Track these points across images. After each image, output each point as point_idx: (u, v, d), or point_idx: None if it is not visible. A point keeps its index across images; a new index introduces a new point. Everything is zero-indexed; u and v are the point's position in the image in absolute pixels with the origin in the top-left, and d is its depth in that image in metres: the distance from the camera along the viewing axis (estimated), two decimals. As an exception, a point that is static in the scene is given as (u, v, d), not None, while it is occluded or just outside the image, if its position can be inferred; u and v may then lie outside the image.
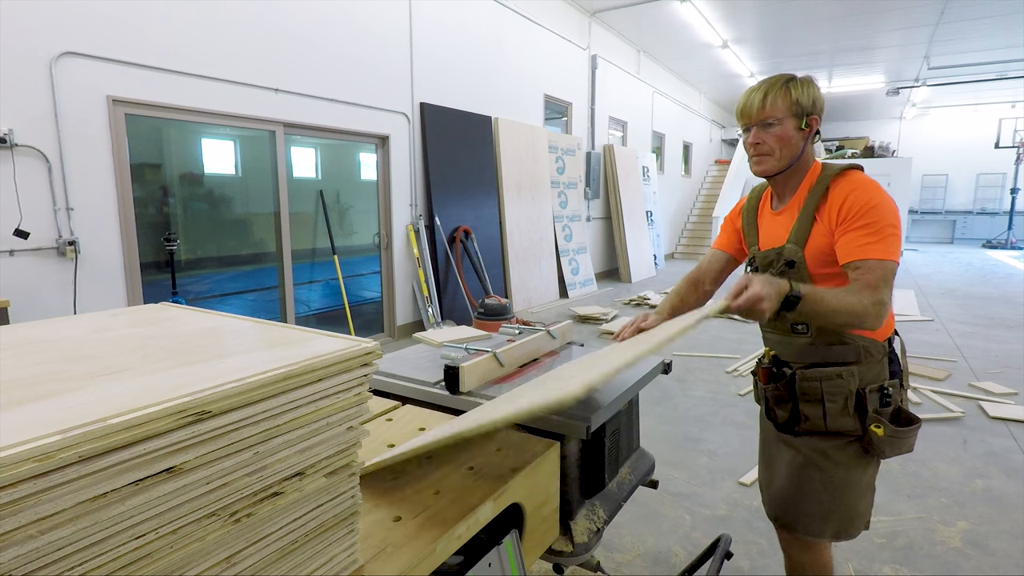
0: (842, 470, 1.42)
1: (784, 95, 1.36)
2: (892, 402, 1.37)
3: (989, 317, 6.77)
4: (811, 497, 1.46)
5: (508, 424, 1.16)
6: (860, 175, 1.36)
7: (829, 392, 1.37)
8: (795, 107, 1.37)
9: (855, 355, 1.36)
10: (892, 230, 1.28)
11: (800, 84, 1.38)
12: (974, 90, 15.06)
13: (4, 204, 3.20)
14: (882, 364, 1.38)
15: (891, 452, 1.36)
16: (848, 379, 1.36)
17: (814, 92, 1.39)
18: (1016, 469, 3.00)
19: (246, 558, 0.66)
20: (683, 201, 14.69)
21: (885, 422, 1.34)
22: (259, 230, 4.87)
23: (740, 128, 1.46)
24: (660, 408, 3.90)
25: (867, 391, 1.36)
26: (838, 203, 1.32)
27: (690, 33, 10.03)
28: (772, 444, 1.57)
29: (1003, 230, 16.51)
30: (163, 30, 3.80)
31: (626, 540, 2.38)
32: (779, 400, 1.48)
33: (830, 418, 1.38)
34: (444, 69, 6.25)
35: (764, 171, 1.43)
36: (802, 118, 1.38)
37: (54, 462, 0.47)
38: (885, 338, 1.39)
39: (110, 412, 0.53)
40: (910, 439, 1.36)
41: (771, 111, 1.37)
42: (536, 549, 1.22)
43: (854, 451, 1.40)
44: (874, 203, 1.28)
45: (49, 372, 0.67)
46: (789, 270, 1.38)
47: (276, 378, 0.65)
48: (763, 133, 1.39)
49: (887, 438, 1.35)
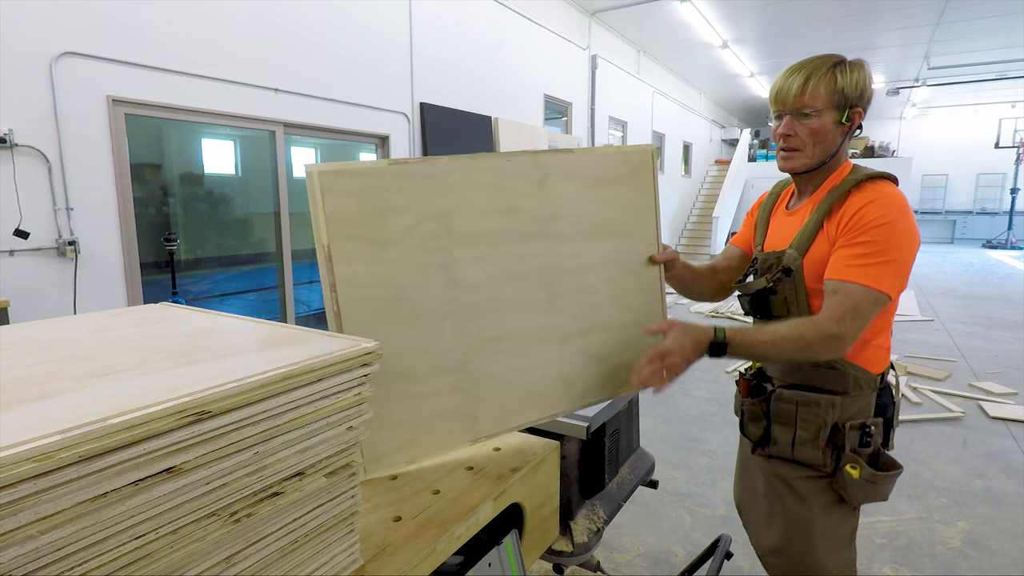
0: (804, 508, 1.27)
1: (828, 82, 1.17)
2: (873, 443, 1.22)
3: (989, 317, 6.77)
4: (774, 528, 1.33)
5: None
6: (887, 187, 1.17)
7: (803, 418, 1.24)
8: (839, 97, 1.18)
9: (843, 384, 1.22)
10: (896, 256, 1.10)
11: (849, 70, 1.18)
12: (974, 90, 15.05)
13: (4, 204, 3.20)
14: (870, 399, 1.24)
15: (863, 499, 1.23)
16: (826, 409, 1.22)
17: (863, 80, 1.19)
18: (1016, 469, 3.00)
19: (246, 558, 0.66)
20: (683, 201, 14.69)
21: (862, 464, 1.20)
22: (259, 230, 4.87)
23: (772, 113, 1.27)
24: (660, 408, 3.90)
25: (847, 427, 1.21)
26: (849, 213, 1.16)
27: (690, 33, 10.02)
28: (748, 461, 1.44)
29: (1003, 230, 16.50)
30: (163, 30, 3.80)
31: (626, 540, 2.38)
32: (754, 417, 1.35)
33: (798, 445, 1.25)
34: (444, 69, 6.25)
35: (791, 168, 1.27)
36: (844, 110, 1.19)
37: (54, 462, 0.47)
38: (879, 371, 1.25)
39: (110, 412, 0.53)
40: (887, 486, 1.23)
41: (810, 100, 1.18)
42: (536, 549, 1.22)
43: (820, 489, 1.26)
44: (886, 221, 1.11)
45: (49, 372, 0.67)
46: (785, 278, 1.25)
47: (276, 378, 0.64)
48: (796, 124, 1.20)
49: (862, 482, 1.20)
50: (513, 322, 1.11)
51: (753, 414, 1.35)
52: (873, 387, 1.23)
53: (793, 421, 1.25)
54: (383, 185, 0.96)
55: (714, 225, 12.99)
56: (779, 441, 1.28)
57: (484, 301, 1.07)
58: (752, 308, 1.34)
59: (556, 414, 1.19)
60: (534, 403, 1.15)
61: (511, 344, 1.11)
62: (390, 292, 0.98)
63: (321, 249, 0.92)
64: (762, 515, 1.36)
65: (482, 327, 1.07)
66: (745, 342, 1.11)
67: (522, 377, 1.13)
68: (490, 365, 1.09)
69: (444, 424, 1.05)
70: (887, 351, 1.27)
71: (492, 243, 1.08)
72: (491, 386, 1.09)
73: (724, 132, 17.76)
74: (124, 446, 0.52)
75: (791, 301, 1.25)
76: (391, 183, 0.97)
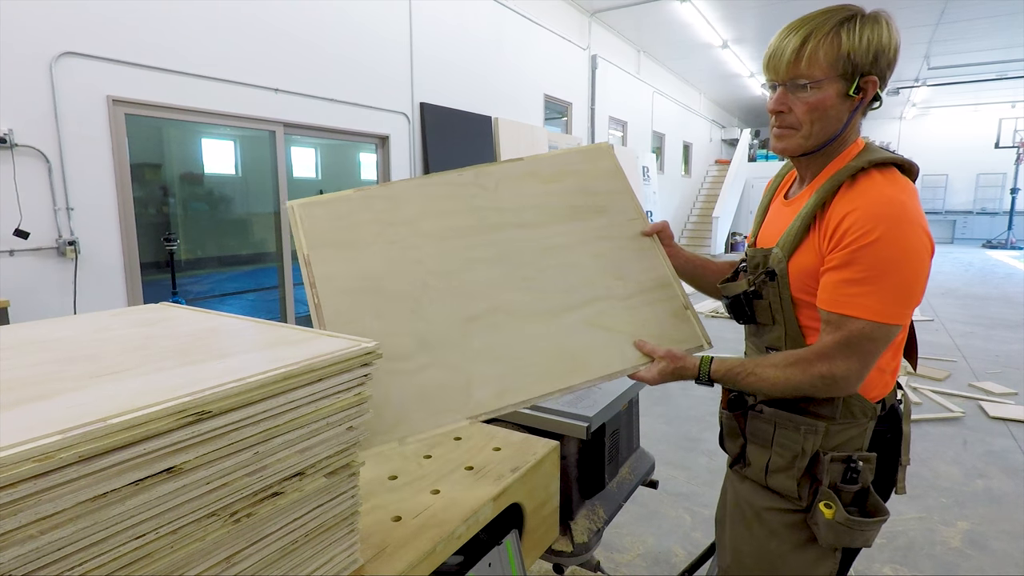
0: (774, 542, 1.09)
1: (831, 45, 0.94)
2: (861, 480, 1.02)
3: (989, 317, 6.77)
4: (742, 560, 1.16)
5: None
6: (884, 185, 0.94)
7: (779, 443, 1.07)
8: (844, 64, 0.94)
9: (830, 409, 1.03)
10: (896, 280, 0.90)
11: (859, 27, 0.94)
12: (974, 90, 15.06)
13: (4, 204, 3.20)
14: (863, 428, 1.04)
15: (835, 542, 1.02)
16: (806, 436, 1.03)
17: (879, 39, 0.94)
18: (1016, 469, 3.00)
19: (246, 558, 0.66)
20: (683, 201, 14.69)
21: (837, 503, 1.00)
22: (259, 230, 4.88)
23: (766, 83, 1.05)
24: (660, 408, 3.90)
25: (827, 458, 1.02)
26: (837, 218, 0.95)
27: (690, 33, 10.03)
28: (727, 477, 1.27)
29: (1003, 230, 16.50)
30: (163, 30, 3.80)
31: (626, 540, 2.38)
32: (731, 432, 1.19)
33: (771, 472, 1.08)
34: (444, 69, 6.25)
35: (785, 150, 1.05)
36: (853, 79, 0.95)
37: (54, 462, 0.47)
38: (878, 398, 1.05)
39: (110, 412, 0.53)
40: (868, 533, 1.01)
41: (808, 68, 0.95)
42: (536, 549, 1.22)
43: (792, 524, 1.08)
44: (870, 240, 0.90)
45: (49, 372, 0.67)
46: (769, 282, 1.06)
47: (276, 378, 0.64)
48: (791, 98, 0.99)
49: (835, 524, 1.00)
50: (492, 300, 1.14)
51: (731, 428, 1.20)
52: (870, 415, 1.04)
53: (769, 443, 1.09)
54: (351, 207, 1.17)
55: (714, 225, 13.00)
56: (753, 464, 1.13)
57: (459, 284, 1.14)
58: (733, 312, 1.16)
59: (571, 387, 1.11)
60: (538, 378, 1.10)
61: (494, 321, 1.13)
62: (364, 284, 1.09)
63: (302, 258, 1.09)
64: (728, 540, 1.20)
65: (459, 307, 1.12)
66: (732, 380, 1.05)
67: (514, 352, 1.11)
68: (474, 341, 1.09)
69: (434, 401, 1.03)
70: (892, 374, 1.07)
71: (460, 236, 1.20)
72: (481, 361, 1.08)
73: (724, 132, 17.77)
74: (124, 446, 0.52)
75: (776, 309, 1.08)
76: (357, 204, 1.18)
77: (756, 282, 1.09)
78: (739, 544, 1.16)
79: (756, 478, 1.12)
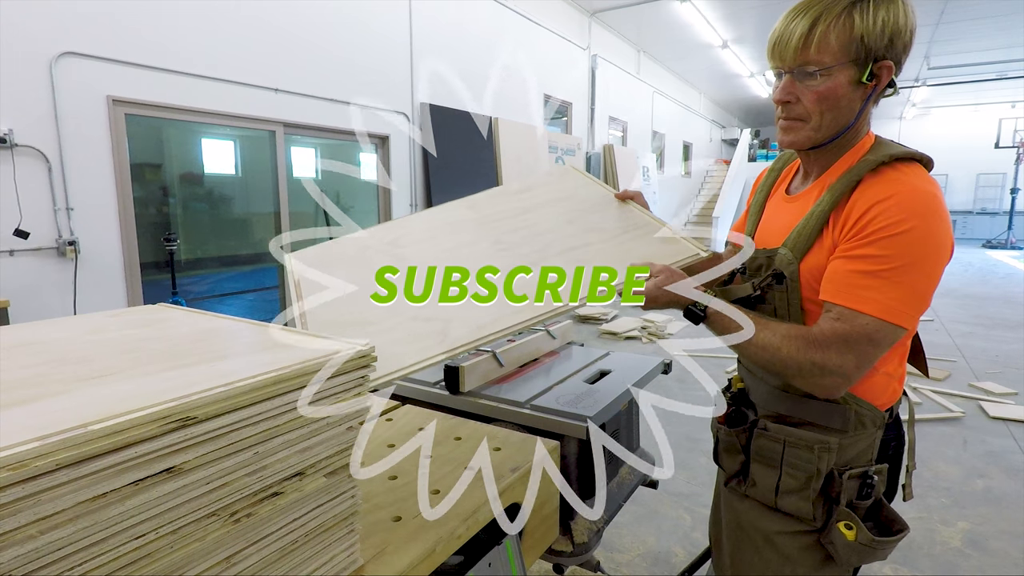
0: (788, 568, 1.03)
1: (843, 28, 0.86)
2: (875, 492, 0.99)
3: (989, 317, 6.77)
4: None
5: None
6: (913, 177, 0.88)
7: (790, 463, 1.00)
8: (857, 48, 0.87)
9: (841, 421, 0.97)
10: (915, 277, 0.85)
11: (873, 8, 0.86)
12: (974, 90, 15.06)
13: (4, 204, 3.20)
14: (873, 438, 1.00)
15: (856, 561, 0.98)
16: (821, 455, 0.97)
17: (895, 20, 0.87)
18: (1016, 469, 3.00)
19: (246, 558, 0.66)
20: (683, 201, 14.69)
21: (859, 523, 0.95)
22: (259, 230, 4.88)
23: (771, 70, 0.98)
24: (660, 408, 3.90)
25: (844, 476, 0.96)
26: (857, 213, 0.88)
27: (690, 33, 10.03)
28: (722, 495, 1.21)
29: (1003, 230, 16.49)
30: (163, 30, 3.80)
31: (626, 540, 2.38)
32: (730, 448, 1.12)
33: (782, 494, 1.01)
34: (444, 69, 6.25)
35: (793, 143, 0.98)
36: (866, 65, 0.88)
37: (30, 470, 0.47)
38: (887, 405, 1.00)
39: (93, 417, 0.52)
40: (888, 548, 0.97)
41: (817, 54, 0.88)
42: (536, 549, 1.22)
43: (807, 546, 1.02)
44: (903, 229, 0.84)
45: (39, 375, 0.66)
46: (776, 285, 0.99)
47: (265, 382, 0.64)
48: (799, 86, 0.92)
49: (857, 545, 0.95)
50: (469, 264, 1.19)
51: (729, 445, 1.12)
52: (879, 424, 0.99)
53: (778, 463, 1.01)
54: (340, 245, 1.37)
55: (714, 225, 12.99)
56: (759, 484, 1.05)
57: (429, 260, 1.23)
58: None
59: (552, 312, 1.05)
60: (519, 309, 1.05)
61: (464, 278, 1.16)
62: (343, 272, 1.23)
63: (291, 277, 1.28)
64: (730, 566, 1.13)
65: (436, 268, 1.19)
66: (722, 324, 0.95)
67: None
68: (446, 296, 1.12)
69: (410, 346, 1.00)
70: (899, 381, 1.01)
71: (437, 239, 1.32)
72: (455, 309, 1.07)
73: (724, 132, 17.77)
74: (105, 453, 0.51)
75: (783, 315, 1.00)
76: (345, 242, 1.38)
77: (761, 286, 1.01)
78: (746, 571, 1.09)
79: (763, 499, 1.05)
